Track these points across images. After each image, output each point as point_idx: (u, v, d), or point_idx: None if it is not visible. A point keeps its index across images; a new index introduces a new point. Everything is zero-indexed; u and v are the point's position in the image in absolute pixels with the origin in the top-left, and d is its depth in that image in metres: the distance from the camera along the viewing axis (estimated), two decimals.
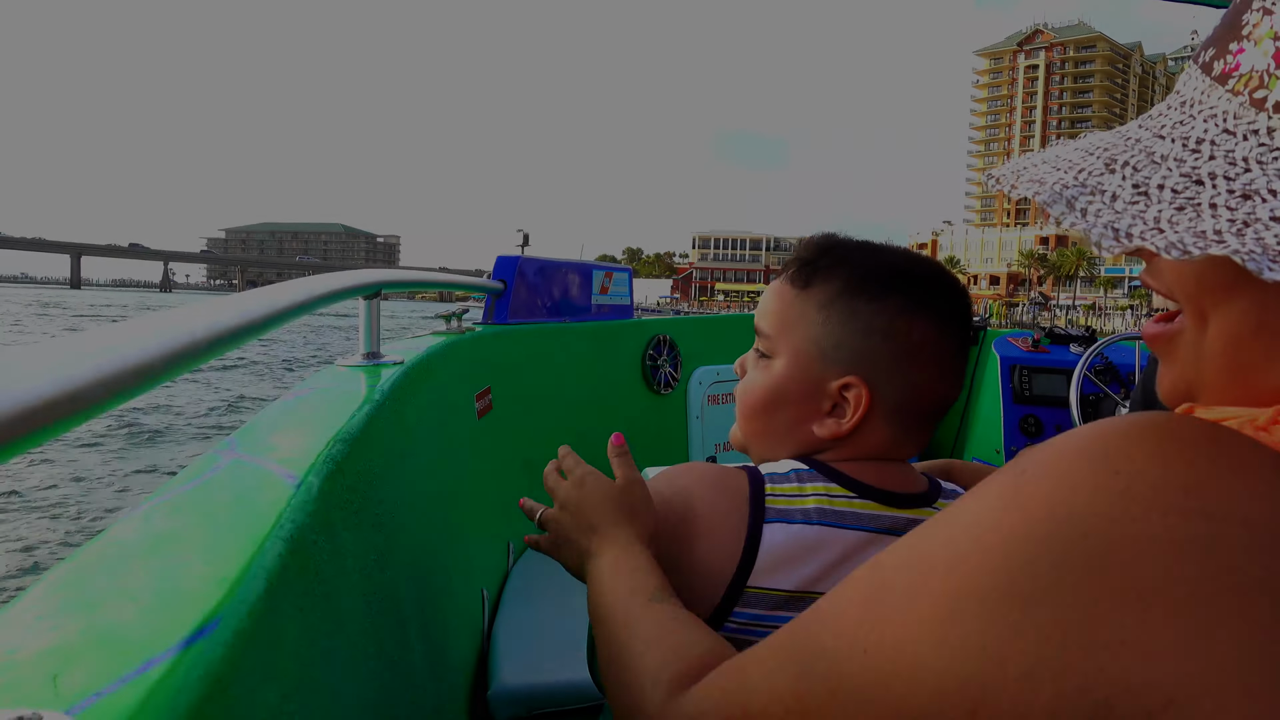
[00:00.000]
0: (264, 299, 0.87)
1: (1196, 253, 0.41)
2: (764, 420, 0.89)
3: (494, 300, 3.11)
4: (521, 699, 1.92)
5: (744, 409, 0.91)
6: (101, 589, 0.50)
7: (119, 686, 0.40)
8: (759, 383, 0.89)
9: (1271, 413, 0.42)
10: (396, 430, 1.29)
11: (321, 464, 0.81)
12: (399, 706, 0.99)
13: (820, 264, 0.87)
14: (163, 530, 0.60)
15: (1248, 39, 0.46)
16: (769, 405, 0.88)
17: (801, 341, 0.86)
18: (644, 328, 3.80)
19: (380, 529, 1.02)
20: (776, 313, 0.89)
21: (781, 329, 0.87)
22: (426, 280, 2.26)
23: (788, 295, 0.88)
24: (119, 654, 0.43)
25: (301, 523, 0.67)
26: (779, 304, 0.89)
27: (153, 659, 0.42)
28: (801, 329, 0.86)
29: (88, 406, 0.45)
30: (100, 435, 11.09)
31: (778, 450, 0.89)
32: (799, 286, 0.87)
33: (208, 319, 0.67)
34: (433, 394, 1.81)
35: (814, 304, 0.85)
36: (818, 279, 0.86)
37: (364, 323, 1.56)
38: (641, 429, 3.70)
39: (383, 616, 0.96)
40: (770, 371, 0.88)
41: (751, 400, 0.90)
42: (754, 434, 0.91)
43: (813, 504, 0.80)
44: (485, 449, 2.51)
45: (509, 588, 2.49)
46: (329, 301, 1.20)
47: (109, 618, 0.46)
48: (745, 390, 0.91)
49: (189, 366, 0.62)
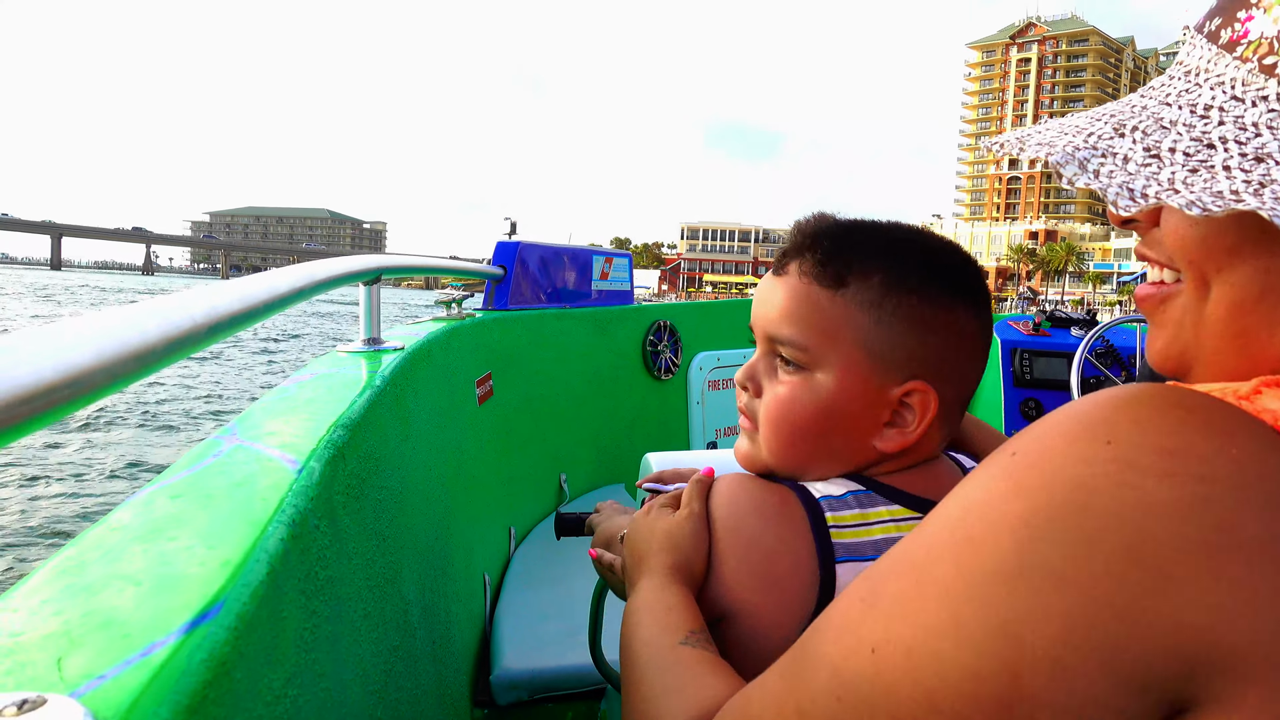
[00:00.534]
0: (264, 284, 0.86)
1: (1218, 210, 0.42)
2: (815, 442, 0.78)
3: (494, 286, 3.11)
4: (524, 683, 1.93)
5: (787, 431, 0.79)
6: (104, 573, 0.50)
7: (123, 669, 0.40)
8: (803, 401, 0.77)
9: (1254, 383, 0.43)
10: (397, 416, 1.29)
11: (323, 449, 0.81)
12: (402, 690, 0.99)
13: (848, 257, 0.77)
14: (164, 515, 0.60)
15: (1257, 6, 0.46)
16: (822, 425, 0.77)
17: (852, 348, 0.75)
18: (644, 313, 3.80)
19: (382, 514, 1.02)
20: (807, 318, 0.77)
21: (823, 336, 0.76)
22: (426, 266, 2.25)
23: (818, 297, 0.77)
24: (122, 637, 0.43)
25: (303, 508, 0.67)
26: (808, 308, 0.77)
27: (156, 642, 0.43)
28: (850, 334, 0.75)
29: (89, 391, 0.45)
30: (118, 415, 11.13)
31: (828, 470, 0.79)
32: (830, 285, 0.76)
33: (208, 304, 0.66)
34: (433, 380, 1.81)
35: (858, 304, 0.75)
36: (853, 276, 0.76)
37: (364, 308, 1.56)
38: (642, 415, 3.70)
39: (385, 601, 0.96)
40: (815, 386, 0.77)
41: (797, 422, 0.78)
42: (799, 457, 0.79)
43: (880, 533, 0.73)
44: (486, 435, 2.52)
45: (511, 572, 2.50)
46: (330, 287, 1.19)
47: (112, 602, 0.47)
48: (785, 411, 0.78)
49: (189, 351, 0.62)
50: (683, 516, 0.79)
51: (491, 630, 2.15)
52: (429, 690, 1.23)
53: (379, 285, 1.57)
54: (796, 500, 0.75)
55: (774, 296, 0.80)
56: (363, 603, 0.86)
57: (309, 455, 0.78)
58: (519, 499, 2.86)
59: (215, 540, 0.56)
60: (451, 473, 1.88)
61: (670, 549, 0.78)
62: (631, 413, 3.66)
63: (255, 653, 0.50)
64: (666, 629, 0.71)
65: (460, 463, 2.06)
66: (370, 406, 1.06)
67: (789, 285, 0.79)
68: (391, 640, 0.98)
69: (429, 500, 1.53)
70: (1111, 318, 3.60)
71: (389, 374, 1.28)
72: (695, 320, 4.08)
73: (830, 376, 0.76)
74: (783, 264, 0.81)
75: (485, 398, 2.54)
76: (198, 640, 0.44)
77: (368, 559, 0.91)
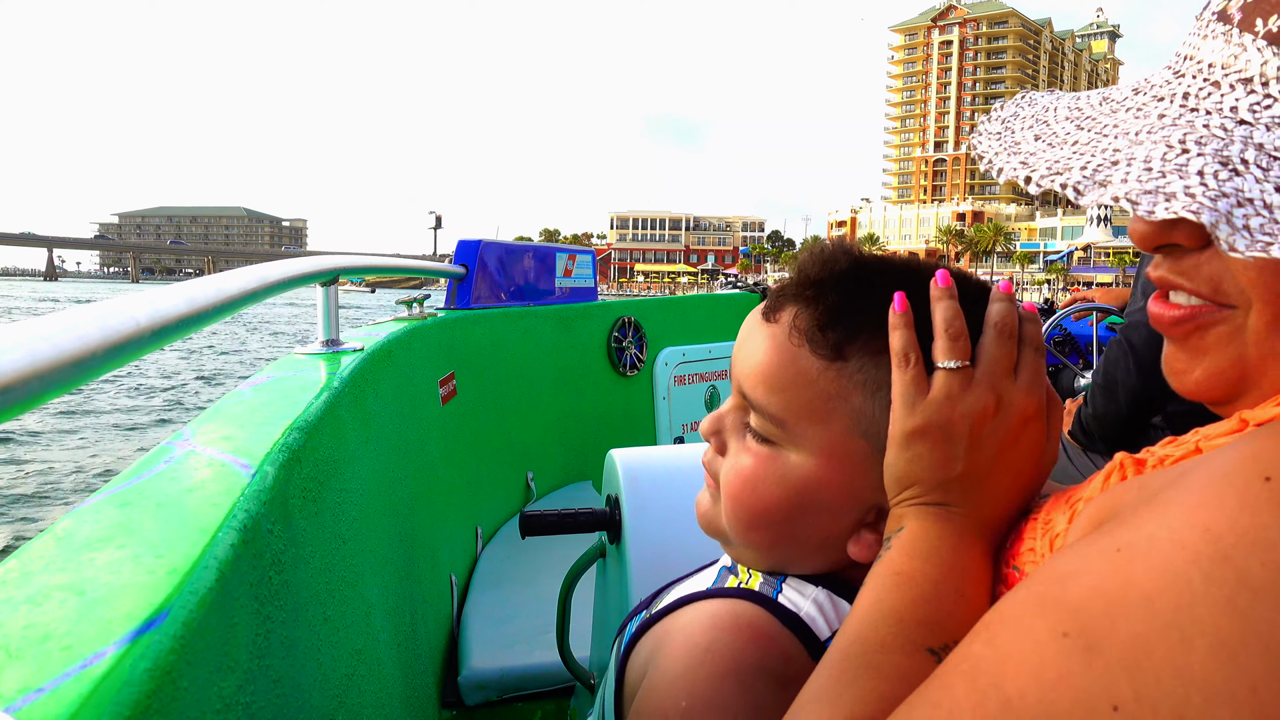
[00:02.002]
0: (212, 286, 0.85)
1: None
2: (777, 531, 0.66)
3: (456, 285, 3.09)
4: (492, 683, 1.92)
5: (745, 512, 0.66)
6: (46, 585, 0.49)
7: (61, 682, 0.39)
8: (768, 481, 0.65)
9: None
10: (357, 417, 1.28)
11: (278, 452, 0.80)
12: (365, 694, 0.98)
13: (857, 321, 0.62)
14: (112, 523, 0.59)
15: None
16: (787, 514, 0.65)
17: (841, 435, 0.63)
18: (609, 310, 3.80)
19: (341, 517, 1.01)
20: (789, 388, 0.63)
21: (805, 413, 0.63)
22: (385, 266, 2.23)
23: (808, 366, 0.63)
24: (62, 650, 0.42)
25: (256, 512, 0.66)
26: (792, 375, 0.63)
27: (98, 653, 0.42)
28: (841, 420, 0.62)
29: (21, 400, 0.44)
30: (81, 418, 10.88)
31: (789, 565, 0.68)
32: (826, 355, 0.62)
33: (151, 307, 0.65)
34: (395, 380, 1.80)
35: (857, 385, 0.62)
36: (856, 347, 0.62)
37: (322, 310, 1.54)
38: (608, 411, 3.70)
39: (346, 604, 0.95)
40: (784, 467, 0.64)
41: (758, 504, 0.65)
42: (757, 544, 0.67)
43: None
44: (451, 435, 2.50)
45: (478, 572, 2.49)
46: (284, 288, 1.18)
47: (53, 614, 0.46)
48: (746, 488, 0.66)
49: (133, 356, 0.61)
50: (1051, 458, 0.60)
51: (459, 630, 2.14)
52: (394, 692, 1.22)
53: (336, 286, 1.55)
54: (780, 637, 0.63)
55: (756, 347, 0.66)
56: (322, 606, 0.85)
57: (263, 459, 0.77)
58: (485, 498, 2.84)
59: (163, 548, 0.55)
60: (415, 474, 1.87)
61: (1020, 496, 0.59)
62: (597, 410, 3.66)
63: (204, 660, 0.50)
64: (924, 622, 0.53)
65: (424, 463, 2.04)
66: (328, 408, 1.05)
67: (776, 340, 0.65)
68: (354, 643, 0.97)
69: (392, 502, 1.51)
70: (1039, 297, 3.64)
71: (348, 375, 1.27)
72: (660, 316, 4.08)
73: (806, 460, 0.64)
74: (776, 307, 0.66)
75: (449, 397, 2.52)
76: (141, 649, 0.43)
77: (327, 562, 0.90)
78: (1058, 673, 0.36)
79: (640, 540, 1.15)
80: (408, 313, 2.50)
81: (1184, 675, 0.33)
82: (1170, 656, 0.34)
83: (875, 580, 0.57)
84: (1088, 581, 0.38)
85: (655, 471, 1.22)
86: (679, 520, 1.17)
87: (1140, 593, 0.36)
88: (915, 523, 0.58)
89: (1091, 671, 0.36)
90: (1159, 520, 0.38)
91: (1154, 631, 0.35)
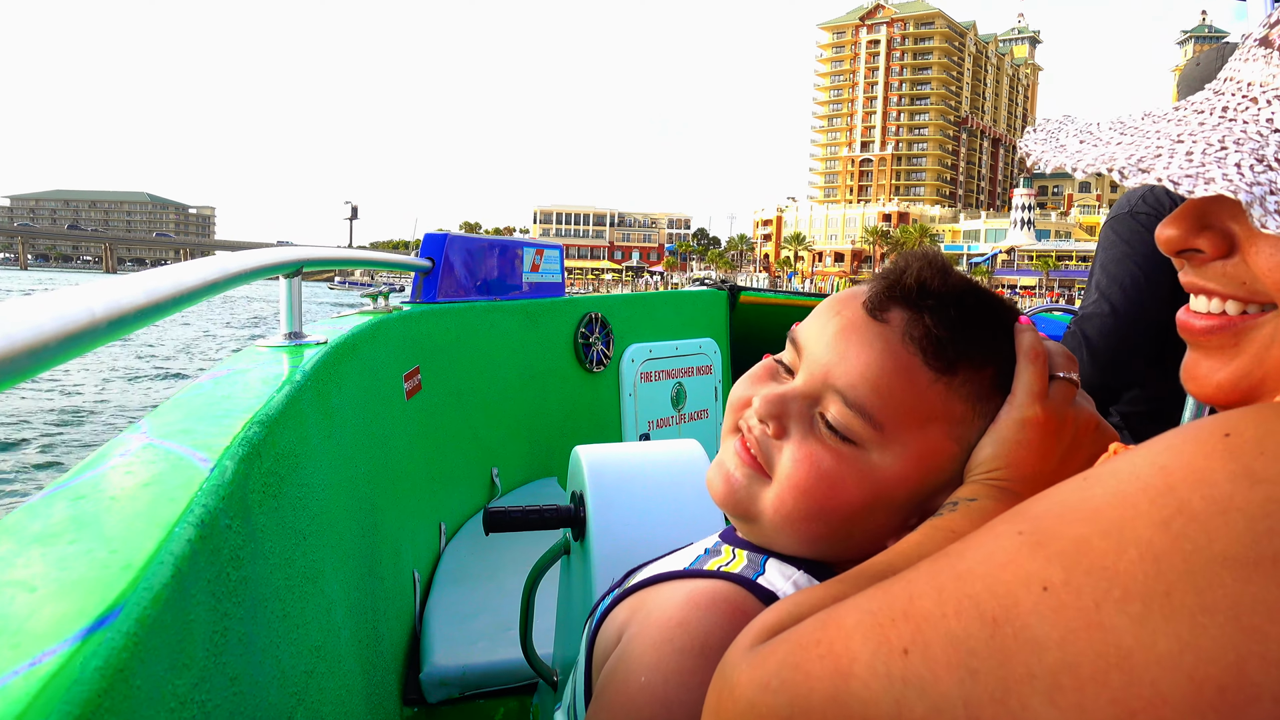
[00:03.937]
0: (170, 277, 0.83)
1: None
2: (835, 526, 0.67)
3: (422, 279, 3.06)
4: (454, 680, 1.91)
5: (813, 507, 0.66)
6: None
7: (9, 679, 0.38)
8: (850, 480, 0.65)
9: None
10: (320, 411, 1.26)
11: (237, 446, 0.79)
12: (325, 691, 0.97)
13: (971, 338, 0.66)
14: (65, 517, 0.58)
15: None
16: (855, 512, 0.66)
17: (938, 441, 0.65)
18: (576, 305, 3.79)
19: (302, 512, 1.00)
20: (898, 396, 0.65)
21: (907, 420, 0.65)
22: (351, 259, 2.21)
23: (920, 377, 0.65)
24: (11, 646, 0.41)
25: (214, 507, 0.65)
26: (904, 385, 0.65)
27: (47, 651, 0.41)
28: (940, 427, 0.65)
29: None
30: None
31: (825, 554, 0.69)
32: (939, 367, 0.65)
33: (108, 298, 0.64)
34: (359, 375, 1.78)
35: (961, 398, 0.65)
36: (966, 363, 0.66)
37: (285, 302, 1.52)
38: (574, 407, 3.69)
39: (306, 600, 0.94)
40: (869, 469, 0.65)
41: (830, 501, 0.66)
42: (808, 535, 0.68)
43: None
44: (415, 430, 2.48)
45: (441, 569, 2.47)
46: (247, 279, 1.16)
47: (2, 610, 0.44)
48: (825, 486, 0.66)
49: (88, 347, 0.60)
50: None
51: (421, 627, 2.12)
52: (355, 689, 1.21)
53: (300, 278, 1.53)
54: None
55: (859, 345, 0.66)
56: (281, 602, 0.84)
57: (222, 453, 0.75)
58: (449, 494, 2.83)
59: (118, 543, 0.54)
60: (379, 469, 1.85)
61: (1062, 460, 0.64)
62: (564, 406, 3.65)
63: (158, 658, 0.49)
64: None
65: (388, 458, 2.02)
66: (290, 402, 1.03)
67: (888, 344, 0.66)
68: (313, 640, 0.96)
69: (355, 497, 1.50)
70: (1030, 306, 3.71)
71: (311, 369, 1.25)
72: (627, 312, 4.08)
73: (892, 463, 0.65)
74: (885, 305, 0.67)
75: (414, 392, 2.50)
76: (93, 647, 0.42)
77: (286, 558, 0.89)
78: (1006, 557, 0.42)
79: (605, 537, 1.15)
80: (373, 305, 2.48)
81: (1111, 572, 0.38)
82: (1103, 556, 0.39)
83: (927, 530, 0.61)
84: (1052, 497, 0.44)
85: (621, 468, 1.22)
86: (644, 517, 1.17)
87: (1091, 506, 0.41)
88: (990, 501, 0.62)
89: (1034, 559, 0.41)
90: (1124, 460, 0.43)
91: (1094, 534, 0.40)
